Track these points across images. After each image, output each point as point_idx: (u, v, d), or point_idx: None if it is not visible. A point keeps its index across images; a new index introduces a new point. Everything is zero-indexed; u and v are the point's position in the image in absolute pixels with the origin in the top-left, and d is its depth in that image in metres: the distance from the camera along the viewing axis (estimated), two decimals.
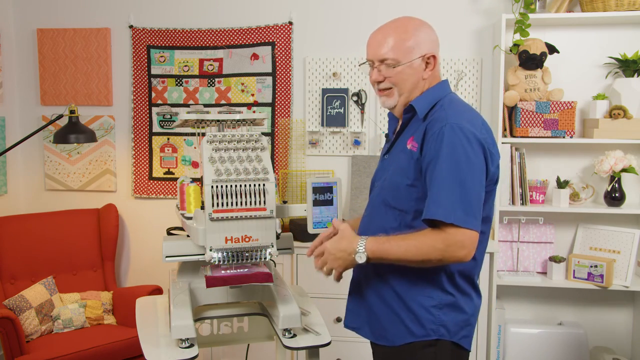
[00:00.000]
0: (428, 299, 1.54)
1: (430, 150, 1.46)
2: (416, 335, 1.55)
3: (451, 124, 1.45)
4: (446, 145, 1.43)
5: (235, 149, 1.74)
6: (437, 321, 1.54)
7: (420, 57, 1.57)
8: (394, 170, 1.58)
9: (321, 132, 3.32)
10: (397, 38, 1.57)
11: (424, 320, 1.54)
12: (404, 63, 1.56)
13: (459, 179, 1.41)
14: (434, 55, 1.59)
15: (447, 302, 1.55)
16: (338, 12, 3.28)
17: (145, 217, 3.52)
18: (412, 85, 1.59)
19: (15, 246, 3.16)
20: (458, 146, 1.43)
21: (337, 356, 2.96)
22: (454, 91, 1.79)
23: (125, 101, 3.50)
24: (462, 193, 1.41)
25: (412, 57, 1.56)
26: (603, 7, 2.85)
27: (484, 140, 1.47)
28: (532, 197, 2.99)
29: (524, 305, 3.23)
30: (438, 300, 1.54)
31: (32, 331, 2.89)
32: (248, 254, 1.73)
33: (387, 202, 1.59)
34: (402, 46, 1.56)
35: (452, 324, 1.55)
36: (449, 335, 1.55)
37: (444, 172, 1.42)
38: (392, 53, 1.56)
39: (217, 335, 2.17)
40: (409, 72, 1.57)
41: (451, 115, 1.49)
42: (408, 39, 1.57)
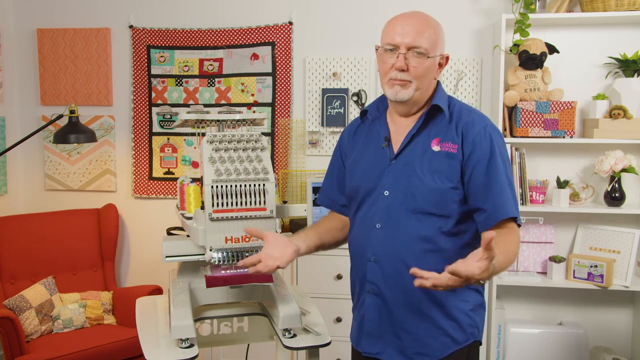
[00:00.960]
0: (465, 303, 1.53)
1: (479, 152, 1.47)
2: (459, 342, 1.52)
3: (491, 125, 1.52)
4: (497, 147, 1.49)
5: (235, 149, 1.74)
6: (474, 324, 1.55)
7: (440, 55, 1.54)
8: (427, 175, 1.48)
9: (321, 132, 3.32)
10: (431, 30, 1.50)
11: (464, 325, 1.53)
12: (432, 56, 1.50)
13: (509, 179, 1.50)
14: (448, 56, 1.58)
15: (479, 302, 1.57)
16: (338, 12, 3.28)
17: (145, 217, 3.52)
18: (428, 82, 1.53)
19: (15, 246, 3.16)
20: (503, 148, 1.51)
21: (337, 356, 2.96)
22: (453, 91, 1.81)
23: (125, 101, 3.50)
24: (513, 191, 1.49)
25: (437, 53, 1.51)
26: (603, 7, 2.85)
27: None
28: (532, 197, 2.99)
29: (524, 305, 3.22)
30: (473, 302, 1.55)
31: (32, 331, 2.89)
32: (248, 254, 1.73)
33: (423, 209, 1.48)
34: (433, 39, 1.49)
35: (482, 323, 1.58)
36: (479, 334, 1.57)
37: (501, 173, 1.47)
38: (425, 43, 1.48)
39: (217, 335, 2.17)
40: (432, 68, 1.51)
41: (482, 117, 1.54)
42: (438, 34, 1.52)
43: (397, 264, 1.50)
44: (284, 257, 1.54)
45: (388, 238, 1.51)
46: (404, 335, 1.53)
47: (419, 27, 1.48)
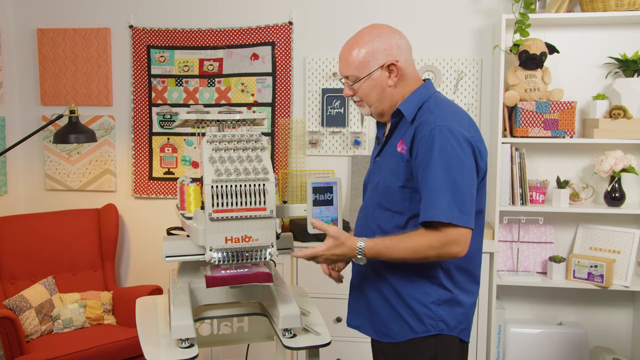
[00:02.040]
0: (426, 295, 1.57)
1: (421, 153, 1.49)
2: (416, 331, 1.58)
3: (440, 126, 1.48)
4: (437, 148, 1.46)
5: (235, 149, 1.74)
6: (435, 317, 1.57)
7: (379, 67, 1.57)
8: (386, 173, 1.61)
9: (321, 132, 3.32)
10: (352, 54, 1.57)
11: (423, 316, 1.57)
12: (363, 77, 1.57)
13: (452, 180, 1.45)
14: (393, 63, 1.57)
15: (445, 298, 1.57)
16: (338, 12, 3.28)
17: (145, 217, 3.52)
18: (378, 96, 1.60)
19: (15, 246, 3.16)
20: (448, 148, 1.46)
21: (337, 356, 2.96)
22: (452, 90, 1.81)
23: (125, 101, 3.50)
24: (456, 193, 1.45)
25: (370, 70, 1.57)
26: (603, 7, 2.85)
27: (471, 138, 1.51)
28: (532, 197, 2.99)
29: (524, 305, 3.23)
30: (436, 296, 1.57)
31: (32, 331, 2.89)
32: (248, 254, 1.73)
33: (381, 204, 1.62)
34: (357, 62, 1.57)
35: (451, 318, 1.58)
36: (449, 329, 1.58)
37: (438, 175, 1.45)
38: (350, 70, 1.58)
39: (217, 335, 2.17)
40: (371, 85, 1.58)
41: (439, 117, 1.51)
42: (361, 53, 1.57)
43: None
44: None
45: (362, 227, 1.70)
46: (373, 313, 1.66)
47: (344, 57, 1.60)
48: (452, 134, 1.47)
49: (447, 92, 3.19)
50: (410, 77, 1.62)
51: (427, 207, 1.46)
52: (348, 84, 1.62)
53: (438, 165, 1.45)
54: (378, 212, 1.63)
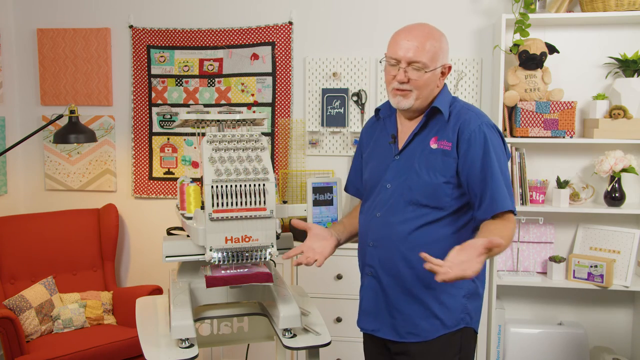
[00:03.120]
0: (458, 289, 1.60)
1: (475, 150, 1.56)
2: (448, 326, 1.61)
3: (486, 124, 1.60)
4: (491, 144, 1.57)
5: (235, 149, 1.74)
6: (464, 310, 1.60)
7: (442, 65, 1.64)
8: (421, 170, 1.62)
9: (321, 132, 3.32)
10: (431, 45, 1.60)
11: (454, 310, 1.60)
12: (431, 70, 1.61)
13: (505, 174, 1.57)
14: (450, 66, 1.68)
15: (472, 290, 1.62)
16: (338, 12, 3.28)
17: (145, 217, 3.52)
18: (429, 91, 1.65)
19: (15, 246, 3.16)
20: (497, 144, 1.59)
21: (337, 356, 2.96)
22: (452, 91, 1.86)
23: (125, 101, 3.50)
24: (509, 185, 1.57)
25: (437, 65, 1.62)
26: (603, 7, 2.85)
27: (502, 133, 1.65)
28: (532, 197, 2.99)
29: (524, 305, 3.23)
30: (466, 289, 1.61)
31: (32, 331, 2.89)
32: (248, 254, 1.73)
33: (417, 201, 1.62)
34: (431, 52, 1.60)
35: (474, 311, 1.63)
36: (472, 322, 1.62)
37: (496, 168, 1.55)
38: (425, 58, 1.59)
39: (217, 335, 2.17)
40: (432, 79, 1.63)
41: (479, 115, 1.62)
42: (438, 47, 1.62)
43: (391, 249, 1.65)
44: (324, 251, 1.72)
45: (385, 226, 1.67)
46: (398, 315, 1.65)
47: (419, 42, 1.59)
48: (496, 130, 1.61)
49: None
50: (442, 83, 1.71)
51: (499, 199, 1.53)
52: (413, 68, 1.60)
53: (495, 160, 1.55)
54: (410, 209, 1.63)
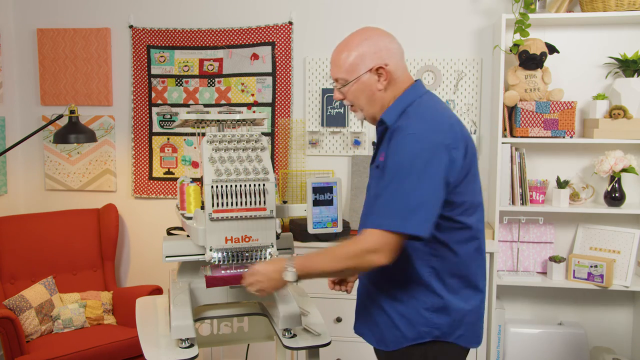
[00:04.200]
0: (420, 302, 1.55)
1: (390, 160, 1.47)
2: (409, 338, 1.56)
3: (410, 134, 1.45)
4: (399, 156, 1.44)
5: (235, 149, 1.74)
6: (429, 324, 1.54)
7: (368, 70, 1.54)
8: (373, 182, 1.60)
9: (321, 132, 3.32)
10: (342, 57, 1.56)
11: (415, 323, 1.55)
12: (352, 81, 1.56)
13: (398, 187, 1.42)
14: (382, 66, 1.54)
15: (438, 304, 1.54)
16: (338, 12, 3.28)
17: (145, 217, 3.52)
18: (367, 100, 1.58)
19: (15, 246, 3.16)
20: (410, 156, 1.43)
21: (337, 356, 2.96)
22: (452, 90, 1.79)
23: (125, 101, 3.50)
24: (398, 200, 1.42)
25: (359, 73, 1.55)
26: (603, 7, 2.85)
27: (447, 145, 1.45)
28: (532, 197, 2.99)
29: (524, 305, 3.23)
30: (429, 303, 1.54)
31: (32, 331, 2.89)
32: (248, 254, 1.73)
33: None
34: (346, 65, 1.55)
35: (446, 325, 1.55)
36: (444, 336, 1.55)
37: (385, 180, 1.44)
38: (340, 73, 1.57)
39: (217, 335, 2.17)
40: (360, 88, 1.56)
41: (412, 124, 1.47)
42: (350, 56, 1.55)
43: None
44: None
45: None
46: (372, 322, 1.65)
47: (333, 60, 1.59)
48: (419, 141, 1.44)
49: (447, 92, 3.19)
50: (401, 81, 1.58)
51: (373, 214, 1.46)
52: (337, 87, 1.61)
53: (390, 172, 1.44)
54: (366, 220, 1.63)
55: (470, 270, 1.58)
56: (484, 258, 1.64)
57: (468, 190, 1.53)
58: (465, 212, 1.53)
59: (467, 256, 1.56)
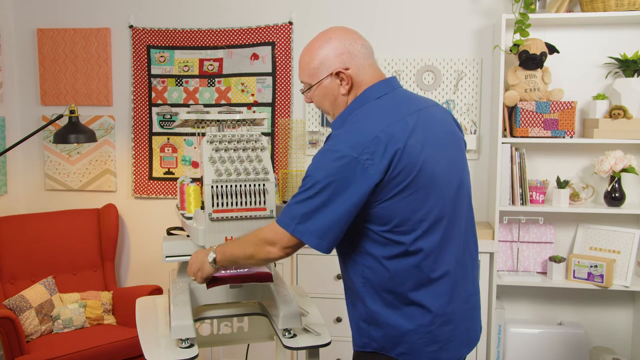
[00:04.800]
0: (359, 312, 1.53)
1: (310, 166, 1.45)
2: (357, 344, 1.57)
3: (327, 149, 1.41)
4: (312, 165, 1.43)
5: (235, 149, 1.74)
6: (366, 335, 1.52)
7: (329, 75, 1.51)
8: None
9: (321, 132, 3.32)
10: (305, 61, 1.55)
11: (358, 331, 1.55)
12: (314, 85, 1.54)
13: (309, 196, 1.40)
14: (341, 71, 1.50)
15: (367, 315, 1.50)
16: (338, 12, 3.28)
17: (145, 217, 3.52)
18: (331, 104, 1.55)
19: (15, 246, 3.16)
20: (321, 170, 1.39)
21: (337, 356, 2.96)
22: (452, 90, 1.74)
23: (125, 101, 3.50)
24: (299, 206, 1.41)
25: (320, 77, 1.52)
26: (603, 7, 2.85)
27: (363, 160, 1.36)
28: (532, 197, 2.99)
29: (524, 305, 3.23)
30: (365, 314, 1.51)
31: (32, 331, 2.89)
32: None
33: None
34: (308, 69, 1.54)
35: (382, 339, 1.49)
36: (383, 350, 1.50)
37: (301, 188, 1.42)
38: (304, 77, 1.56)
39: (217, 335, 2.17)
40: (323, 93, 1.53)
41: (336, 136, 1.44)
42: (312, 61, 1.52)
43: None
44: None
45: None
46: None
47: (300, 64, 1.57)
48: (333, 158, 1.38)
49: (447, 92, 3.19)
50: (366, 83, 1.52)
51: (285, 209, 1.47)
52: (302, 91, 1.60)
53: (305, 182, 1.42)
54: None
55: (405, 287, 1.45)
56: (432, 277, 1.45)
57: (401, 205, 1.41)
58: (395, 229, 1.42)
59: (400, 272, 1.44)
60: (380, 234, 1.44)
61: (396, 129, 1.40)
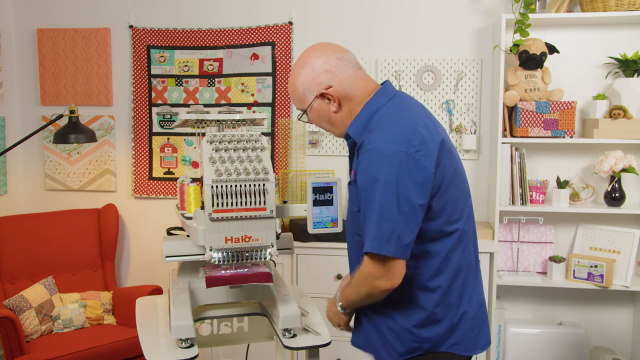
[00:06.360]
0: (406, 319, 1.53)
1: (359, 178, 1.45)
2: (400, 353, 1.55)
3: (372, 149, 1.41)
4: (368, 174, 1.41)
5: (235, 149, 1.74)
6: (418, 339, 1.52)
7: (315, 97, 1.55)
8: (350, 199, 1.57)
9: (321, 132, 3.32)
10: (290, 90, 1.60)
11: (404, 339, 1.54)
12: (306, 109, 1.58)
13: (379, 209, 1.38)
14: (322, 92, 1.53)
15: (424, 318, 1.52)
16: (338, 12, 3.28)
17: (145, 217, 3.52)
18: (327, 123, 1.60)
19: (15, 246, 3.16)
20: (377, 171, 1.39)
21: (337, 356, 2.96)
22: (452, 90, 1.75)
23: (125, 101, 3.50)
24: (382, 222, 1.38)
25: (309, 102, 1.56)
26: (603, 7, 2.85)
27: (414, 154, 1.39)
28: (532, 197, 2.99)
29: (524, 305, 3.23)
30: (415, 320, 1.52)
31: (32, 331, 2.89)
32: (248, 254, 1.73)
33: (352, 230, 1.60)
34: (295, 97, 1.59)
35: (438, 336, 1.52)
36: (437, 347, 1.53)
37: (368, 203, 1.41)
38: (296, 103, 1.61)
39: (217, 335, 2.17)
40: (316, 115, 1.58)
41: (375, 138, 1.43)
42: (296, 89, 1.57)
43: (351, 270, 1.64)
44: None
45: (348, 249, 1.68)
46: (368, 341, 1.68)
47: (289, 93, 1.63)
48: (382, 155, 1.38)
49: (447, 92, 3.19)
50: (356, 93, 1.54)
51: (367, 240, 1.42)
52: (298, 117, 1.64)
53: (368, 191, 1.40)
54: (350, 238, 1.63)
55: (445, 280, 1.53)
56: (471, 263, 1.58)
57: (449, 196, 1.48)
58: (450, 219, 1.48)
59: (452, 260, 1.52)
60: (438, 229, 1.48)
61: (428, 123, 1.47)
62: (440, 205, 1.46)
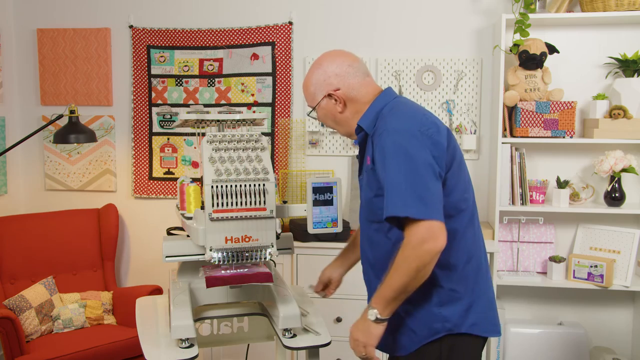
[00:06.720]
0: (427, 298, 1.56)
1: (378, 158, 1.52)
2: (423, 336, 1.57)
3: (388, 130, 1.51)
4: (388, 149, 1.49)
5: (235, 149, 1.74)
6: (440, 319, 1.56)
7: (324, 96, 1.67)
8: (365, 188, 1.65)
9: (321, 132, 3.32)
10: (304, 88, 1.74)
11: (426, 320, 1.56)
12: (315, 107, 1.71)
13: (406, 176, 1.45)
14: (330, 93, 1.65)
15: (446, 297, 1.56)
16: (338, 12, 3.28)
17: (145, 217, 3.52)
18: (333, 122, 1.72)
19: (15, 246, 3.16)
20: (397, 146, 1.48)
21: (337, 356, 2.96)
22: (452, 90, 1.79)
23: (125, 101, 3.50)
24: (413, 188, 1.43)
25: (317, 100, 1.69)
26: (603, 7, 2.85)
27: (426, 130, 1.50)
28: (532, 197, 2.99)
29: (524, 305, 3.23)
30: (437, 298, 1.56)
31: (32, 331, 2.89)
32: (248, 254, 1.73)
33: (369, 218, 1.65)
34: (307, 94, 1.72)
35: (457, 315, 1.56)
36: (457, 327, 1.56)
37: (392, 173, 1.47)
38: (307, 101, 1.74)
39: (217, 335, 2.17)
40: (324, 113, 1.71)
41: (389, 122, 1.54)
42: (309, 87, 1.71)
43: (364, 265, 1.74)
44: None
45: (362, 243, 1.74)
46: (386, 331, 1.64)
47: (303, 90, 1.76)
48: (399, 131, 1.49)
49: (447, 92, 3.19)
50: (362, 97, 1.66)
51: (388, 205, 1.46)
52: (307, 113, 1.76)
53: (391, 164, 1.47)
54: (366, 226, 1.67)
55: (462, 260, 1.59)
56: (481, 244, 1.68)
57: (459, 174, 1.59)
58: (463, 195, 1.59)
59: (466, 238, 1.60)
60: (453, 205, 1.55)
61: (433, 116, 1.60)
62: (454, 181, 1.55)
